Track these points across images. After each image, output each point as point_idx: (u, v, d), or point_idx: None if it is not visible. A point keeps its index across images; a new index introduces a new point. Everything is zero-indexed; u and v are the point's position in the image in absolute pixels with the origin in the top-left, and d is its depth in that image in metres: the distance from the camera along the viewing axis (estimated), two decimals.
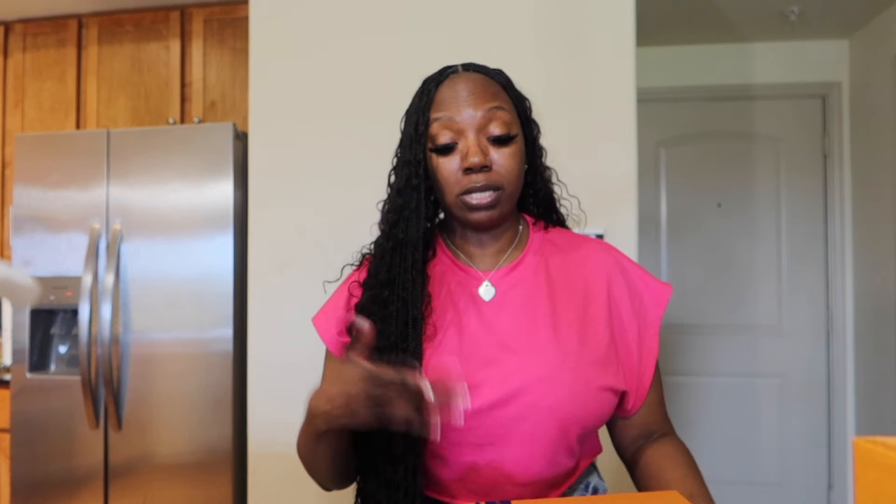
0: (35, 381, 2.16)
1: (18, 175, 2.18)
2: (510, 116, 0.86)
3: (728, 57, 3.01)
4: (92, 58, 2.64)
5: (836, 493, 2.91)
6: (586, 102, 1.84)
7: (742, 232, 3.01)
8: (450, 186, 0.84)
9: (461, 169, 0.83)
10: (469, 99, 0.84)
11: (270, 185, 1.97)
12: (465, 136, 0.83)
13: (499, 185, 0.83)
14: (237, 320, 2.05)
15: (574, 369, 0.81)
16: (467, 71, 0.89)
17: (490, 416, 0.80)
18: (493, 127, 0.83)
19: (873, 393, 2.76)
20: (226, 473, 2.03)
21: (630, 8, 1.84)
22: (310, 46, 1.97)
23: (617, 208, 1.81)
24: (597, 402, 0.82)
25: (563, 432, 0.81)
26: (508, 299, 0.87)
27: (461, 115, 0.83)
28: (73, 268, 2.13)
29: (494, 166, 0.83)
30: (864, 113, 2.82)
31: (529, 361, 0.81)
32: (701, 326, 3.01)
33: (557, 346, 0.82)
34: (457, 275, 0.90)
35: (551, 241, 0.93)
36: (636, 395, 0.89)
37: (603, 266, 0.90)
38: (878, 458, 0.33)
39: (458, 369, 0.72)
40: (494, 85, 0.88)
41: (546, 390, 0.80)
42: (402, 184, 0.86)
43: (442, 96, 0.85)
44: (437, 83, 0.87)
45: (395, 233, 0.86)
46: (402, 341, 0.82)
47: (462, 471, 0.83)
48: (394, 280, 0.84)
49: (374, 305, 0.84)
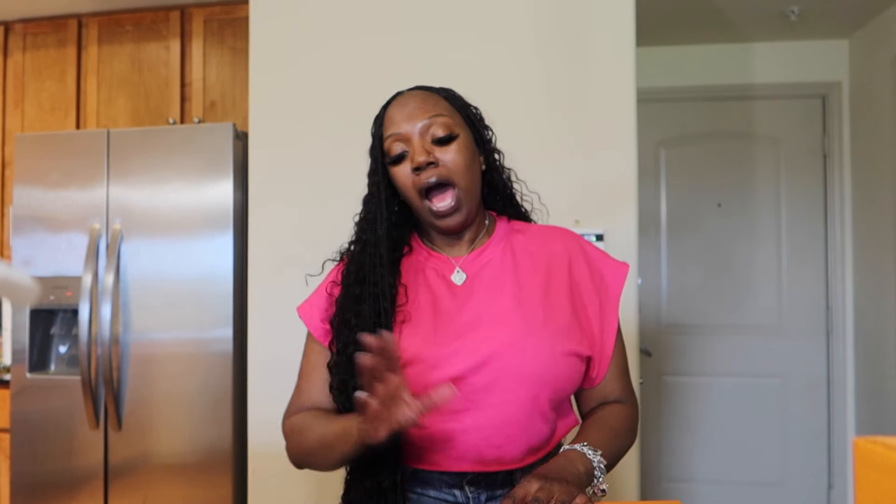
0: (35, 381, 2.16)
1: (18, 175, 2.18)
2: (451, 120, 0.95)
3: (728, 57, 3.01)
4: (92, 58, 2.65)
5: (836, 493, 2.91)
6: (586, 102, 1.84)
7: (742, 232, 3.01)
8: (409, 190, 0.95)
9: (412, 170, 0.93)
10: (413, 112, 0.95)
11: (270, 185, 1.97)
12: (411, 144, 0.94)
13: (448, 179, 0.93)
14: (237, 320, 2.05)
15: (538, 336, 0.90)
16: (413, 90, 1.00)
17: (464, 382, 0.87)
18: (434, 129, 0.94)
19: (873, 393, 2.76)
20: (226, 473, 2.03)
21: (630, 8, 1.84)
22: (310, 46, 1.97)
23: (617, 208, 1.81)
24: (564, 366, 0.91)
25: (534, 395, 0.89)
26: (478, 280, 0.97)
27: (406, 127, 0.94)
28: (73, 268, 2.13)
29: (440, 163, 0.93)
30: (864, 113, 2.82)
31: (497, 331, 0.90)
32: (701, 326, 3.01)
33: (522, 317, 0.92)
34: (430, 261, 1.00)
35: (516, 230, 1.04)
36: (599, 365, 0.97)
37: (564, 247, 1.00)
38: (878, 458, 0.33)
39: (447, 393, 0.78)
40: (435, 97, 0.98)
41: (514, 355, 0.89)
42: (367, 195, 1.00)
43: (391, 115, 0.97)
44: (387, 105, 0.99)
45: (363, 237, 0.98)
46: (376, 329, 0.89)
47: (441, 438, 0.90)
48: (364, 278, 0.95)
49: (348, 301, 0.95)
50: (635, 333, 1.80)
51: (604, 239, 1.79)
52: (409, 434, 0.89)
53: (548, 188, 1.14)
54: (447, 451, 0.90)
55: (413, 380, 0.86)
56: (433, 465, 0.91)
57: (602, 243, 1.78)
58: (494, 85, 1.85)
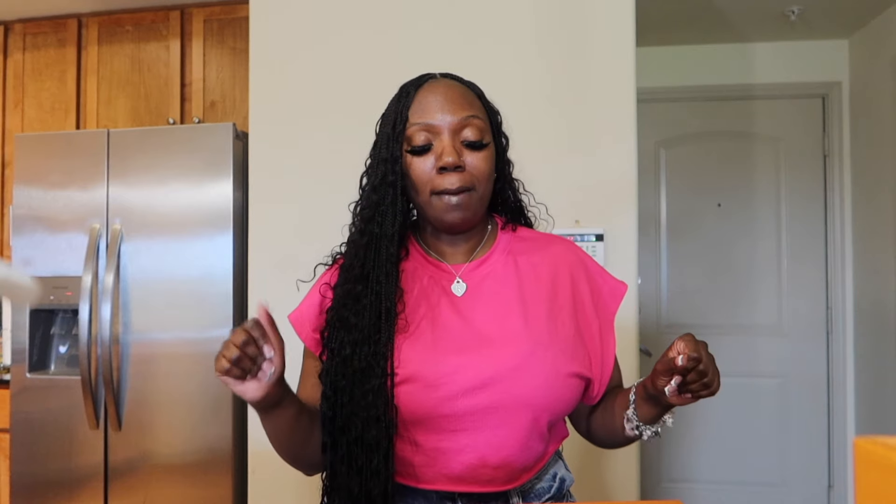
0: (35, 381, 2.16)
1: (18, 175, 2.18)
2: (484, 125, 0.90)
3: (728, 57, 3.01)
4: (92, 58, 2.65)
5: (836, 493, 2.91)
6: (586, 102, 1.84)
7: (742, 232, 3.01)
8: (423, 185, 0.88)
9: (435, 168, 0.87)
10: (446, 105, 0.88)
11: (270, 185, 1.97)
12: (440, 139, 0.87)
13: (471, 186, 0.87)
14: (237, 320, 2.05)
15: (544, 358, 0.86)
16: (446, 78, 0.93)
17: (464, 402, 0.83)
18: (467, 132, 0.88)
19: (873, 393, 2.76)
20: (226, 473, 2.03)
21: (630, 8, 1.84)
22: (310, 46, 1.97)
23: (617, 208, 1.81)
24: (567, 389, 0.87)
25: (534, 419, 0.86)
26: (480, 292, 0.91)
27: (438, 119, 0.87)
28: (73, 268, 2.13)
29: (468, 167, 0.87)
30: (864, 113, 2.82)
31: (502, 350, 0.85)
32: (701, 326, 3.01)
33: (529, 336, 0.87)
34: (428, 270, 0.94)
35: (519, 238, 0.98)
36: (600, 384, 0.94)
37: (567, 262, 0.96)
38: (878, 458, 0.33)
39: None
40: (470, 94, 0.92)
41: (519, 378, 0.84)
42: (378, 181, 0.90)
43: (420, 100, 0.89)
44: (416, 87, 0.91)
45: (369, 228, 0.89)
46: (375, 333, 0.86)
47: (435, 456, 0.86)
48: (367, 275, 0.88)
49: (348, 300, 0.88)
50: (635, 333, 1.79)
51: (604, 239, 1.79)
52: (400, 450, 0.87)
53: (548, 188, 1.13)
54: (440, 469, 0.86)
55: (411, 397, 0.84)
56: (425, 482, 0.88)
57: (602, 243, 1.78)
58: (494, 84, 1.84)
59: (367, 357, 0.85)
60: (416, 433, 0.86)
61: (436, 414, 0.84)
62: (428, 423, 0.85)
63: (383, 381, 0.84)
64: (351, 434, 0.85)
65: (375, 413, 0.83)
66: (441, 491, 0.88)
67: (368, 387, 0.84)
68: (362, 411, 0.84)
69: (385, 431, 0.83)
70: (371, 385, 0.84)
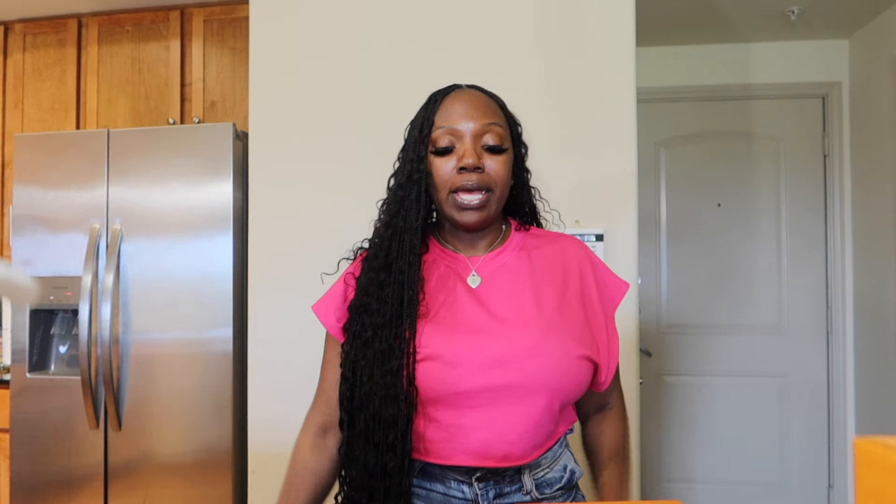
0: (35, 381, 2.16)
1: (18, 175, 2.18)
2: (504, 133, 0.97)
3: (728, 57, 3.01)
4: (92, 58, 2.65)
5: (836, 493, 2.91)
6: (586, 102, 1.84)
7: (742, 232, 3.01)
8: (443, 183, 0.95)
9: (456, 168, 0.94)
10: (470, 112, 0.95)
11: (270, 185, 1.96)
12: (462, 142, 0.94)
13: (489, 187, 0.94)
14: (237, 320, 2.05)
15: (556, 339, 0.92)
16: (471, 88, 1.01)
17: (481, 379, 0.89)
18: (488, 137, 0.95)
19: (873, 393, 2.76)
20: (226, 473, 2.03)
21: (630, 8, 1.84)
22: (310, 46, 1.97)
23: (617, 208, 1.81)
24: (578, 370, 0.92)
25: (548, 398, 0.91)
26: (494, 281, 0.97)
27: (461, 125, 0.95)
28: (73, 268, 2.13)
29: (486, 169, 0.94)
30: (864, 113, 2.82)
31: (517, 332, 0.91)
32: (701, 326, 3.01)
33: (541, 319, 0.93)
34: (446, 260, 1.00)
35: (531, 235, 1.05)
36: (607, 371, 0.99)
37: (576, 257, 1.02)
38: (878, 458, 0.33)
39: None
40: (493, 104, 1.00)
41: (532, 358, 0.90)
42: (404, 179, 0.97)
43: (446, 107, 0.97)
44: (444, 95, 0.99)
45: (394, 222, 0.97)
46: (397, 318, 0.91)
47: (453, 432, 0.91)
48: (391, 264, 0.95)
49: (372, 287, 0.95)
50: (635, 333, 1.79)
51: (604, 239, 1.79)
52: (418, 427, 0.91)
53: (547, 188, 1.13)
54: (457, 445, 0.91)
55: (430, 374, 0.89)
56: (442, 458, 0.92)
57: (602, 243, 1.78)
58: (494, 84, 1.84)
59: (388, 339, 0.91)
60: (434, 410, 0.91)
61: (454, 390, 0.89)
62: (446, 399, 0.90)
63: (403, 362, 0.89)
64: (368, 411, 0.90)
65: (394, 392, 0.88)
66: (458, 467, 0.92)
67: (388, 367, 0.89)
68: (381, 390, 0.89)
69: (404, 410, 0.88)
70: (391, 366, 0.89)
